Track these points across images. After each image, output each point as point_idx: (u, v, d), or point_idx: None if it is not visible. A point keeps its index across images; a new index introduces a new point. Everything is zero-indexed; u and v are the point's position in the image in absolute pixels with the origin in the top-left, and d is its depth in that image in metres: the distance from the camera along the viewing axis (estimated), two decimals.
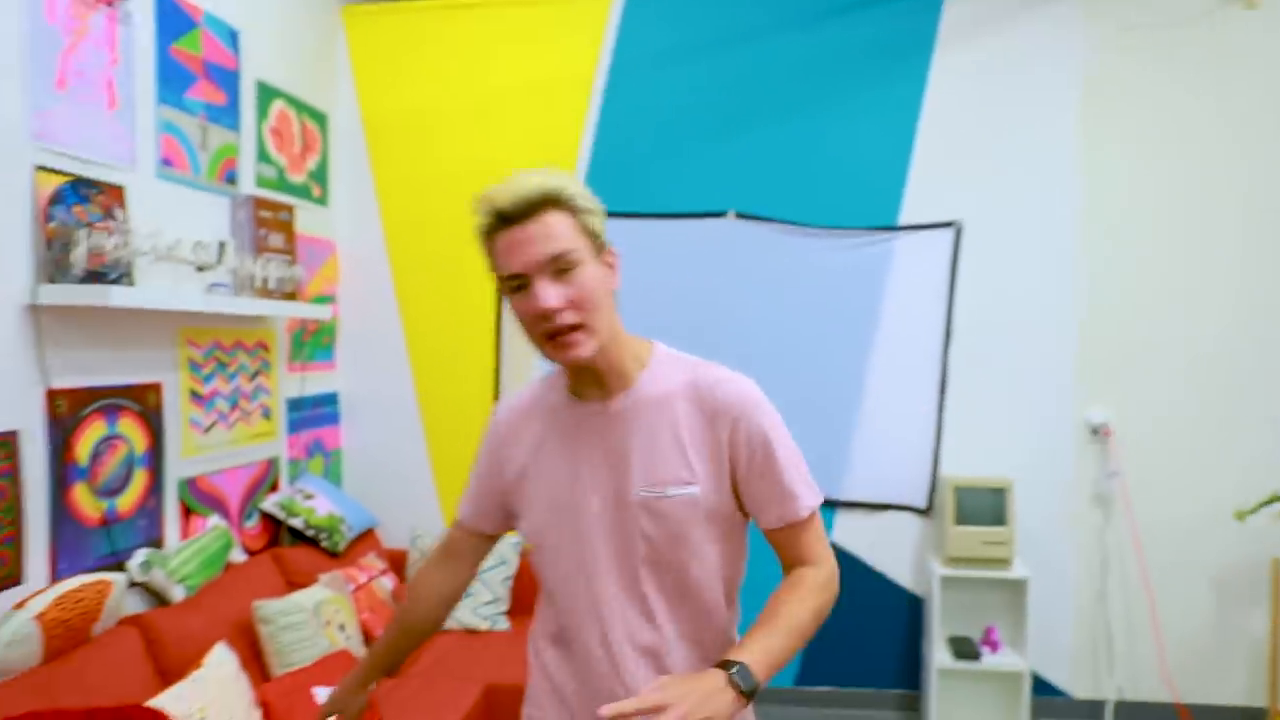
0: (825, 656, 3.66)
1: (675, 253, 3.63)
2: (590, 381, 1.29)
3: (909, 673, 3.62)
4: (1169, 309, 3.45)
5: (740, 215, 3.61)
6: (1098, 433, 3.44)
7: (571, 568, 1.31)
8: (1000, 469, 3.42)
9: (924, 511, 3.57)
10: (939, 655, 3.30)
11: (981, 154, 3.50)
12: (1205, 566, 3.44)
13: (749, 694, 1.10)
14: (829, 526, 3.64)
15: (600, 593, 1.29)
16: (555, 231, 1.18)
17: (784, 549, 1.32)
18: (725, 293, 3.61)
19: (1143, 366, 3.46)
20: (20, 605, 2.03)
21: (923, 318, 3.53)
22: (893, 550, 3.61)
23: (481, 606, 3.32)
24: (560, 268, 1.18)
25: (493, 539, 1.48)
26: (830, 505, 3.62)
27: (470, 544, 1.47)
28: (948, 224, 3.50)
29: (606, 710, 1.01)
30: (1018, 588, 3.33)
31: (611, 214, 3.68)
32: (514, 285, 1.20)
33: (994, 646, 3.33)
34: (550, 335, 1.20)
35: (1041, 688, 3.47)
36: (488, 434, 1.43)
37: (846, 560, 3.63)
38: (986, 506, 3.27)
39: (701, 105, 3.63)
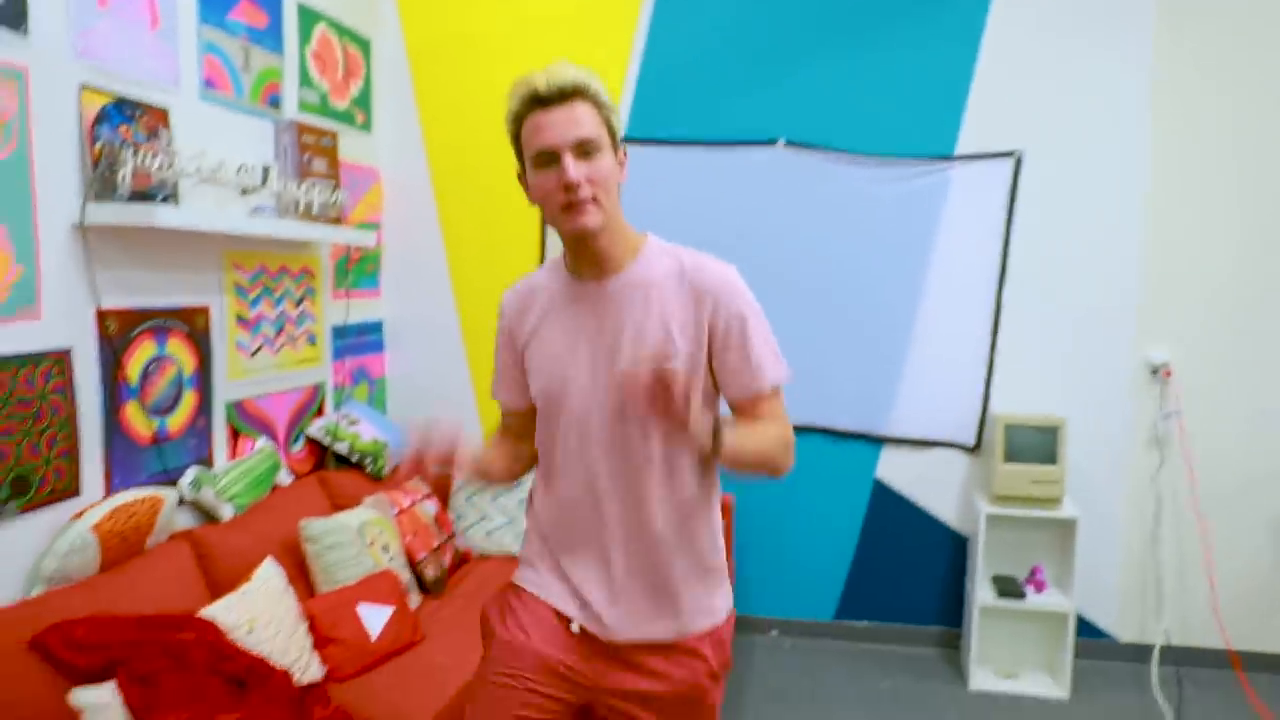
0: (865, 591, 3.65)
1: (723, 182, 3.54)
2: (588, 262, 1.45)
3: (950, 610, 3.60)
4: (1237, 247, 3.29)
5: (790, 144, 3.50)
6: (1157, 373, 3.33)
7: (567, 426, 1.45)
8: (1052, 407, 3.33)
9: (972, 449, 3.50)
10: (982, 593, 3.27)
11: (1045, 80, 3.33)
12: (1263, 511, 3.34)
13: (710, 445, 1.27)
14: (874, 462, 3.60)
15: (592, 449, 1.43)
16: (584, 118, 1.36)
17: (751, 419, 1.44)
18: (773, 223, 3.53)
19: (1206, 306, 3.32)
20: (78, 516, 2.09)
21: (978, 251, 3.41)
22: (938, 487, 3.56)
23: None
24: (585, 150, 1.35)
25: (530, 413, 1.57)
26: (875, 441, 3.57)
27: (514, 421, 1.62)
28: (1007, 154, 3.36)
29: (621, 372, 1.21)
30: (1066, 528, 3.26)
31: (658, 141, 3.65)
32: (543, 161, 1.36)
33: (1039, 586, 3.28)
34: (567, 205, 1.36)
35: (1086, 629, 3.43)
36: (499, 318, 1.59)
37: (890, 497, 3.59)
38: (1037, 445, 3.19)
39: (751, 28, 3.50)
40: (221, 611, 2.08)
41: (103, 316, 2.25)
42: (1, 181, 1.98)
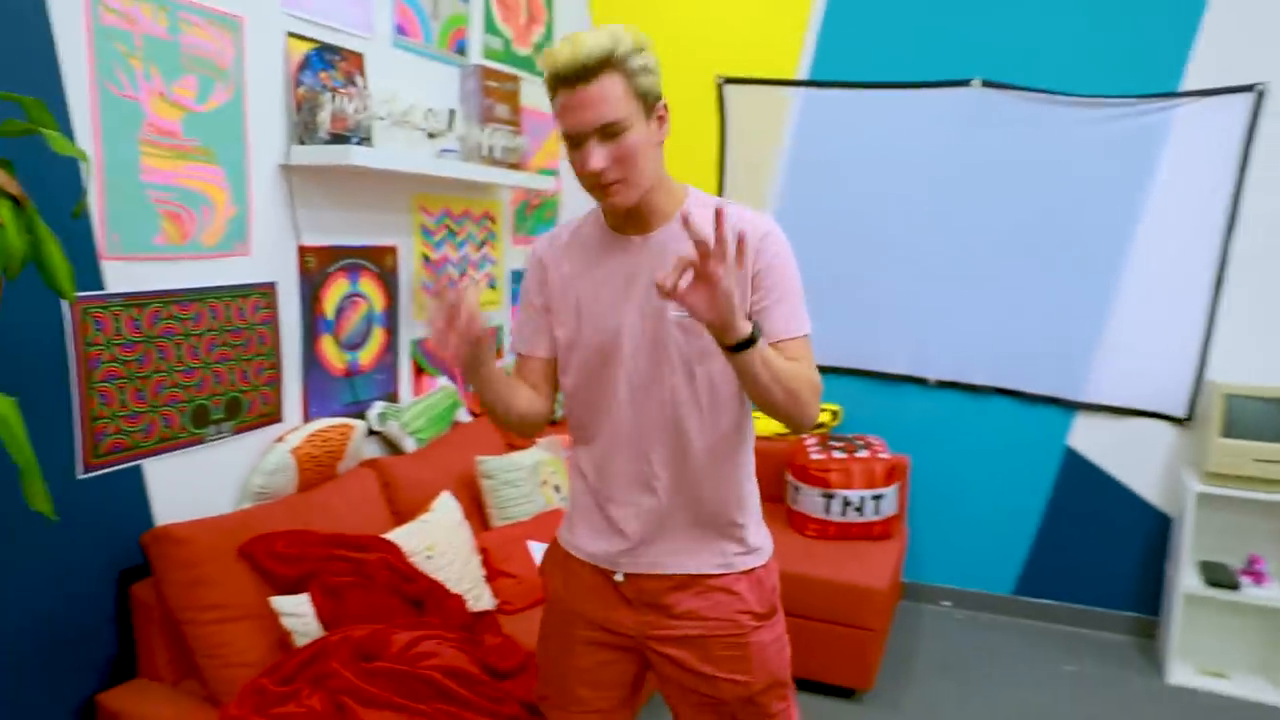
0: (1049, 566, 3.41)
1: (912, 127, 3.33)
2: (630, 222, 1.44)
3: (1147, 596, 3.30)
4: None
5: (987, 83, 3.23)
6: None
7: (614, 377, 1.44)
8: None
9: (1182, 420, 3.17)
10: (1187, 580, 2.97)
11: None
12: None
13: (741, 341, 1.21)
14: (1065, 429, 3.33)
15: (635, 396, 1.43)
16: (608, 97, 1.30)
17: None
18: (966, 170, 3.29)
19: None
20: (280, 439, 2.25)
21: (1202, 200, 3.04)
22: (1139, 461, 3.25)
23: None
24: (609, 132, 1.31)
25: (551, 362, 1.55)
26: (1069, 406, 3.30)
27: (532, 368, 1.56)
28: (1246, 88, 2.95)
29: (661, 276, 1.15)
30: None
31: (843, 84, 3.44)
32: (570, 142, 1.34)
33: (1258, 578, 2.94)
34: (594, 187, 1.36)
35: None
36: (530, 266, 1.56)
37: (1083, 467, 3.32)
38: (1264, 419, 2.84)
39: None
40: (404, 537, 2.19)
41: (303, 253, 2.39)
42: (221, 125, 2.13)
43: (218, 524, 1.91)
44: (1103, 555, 3.34)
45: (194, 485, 2.08)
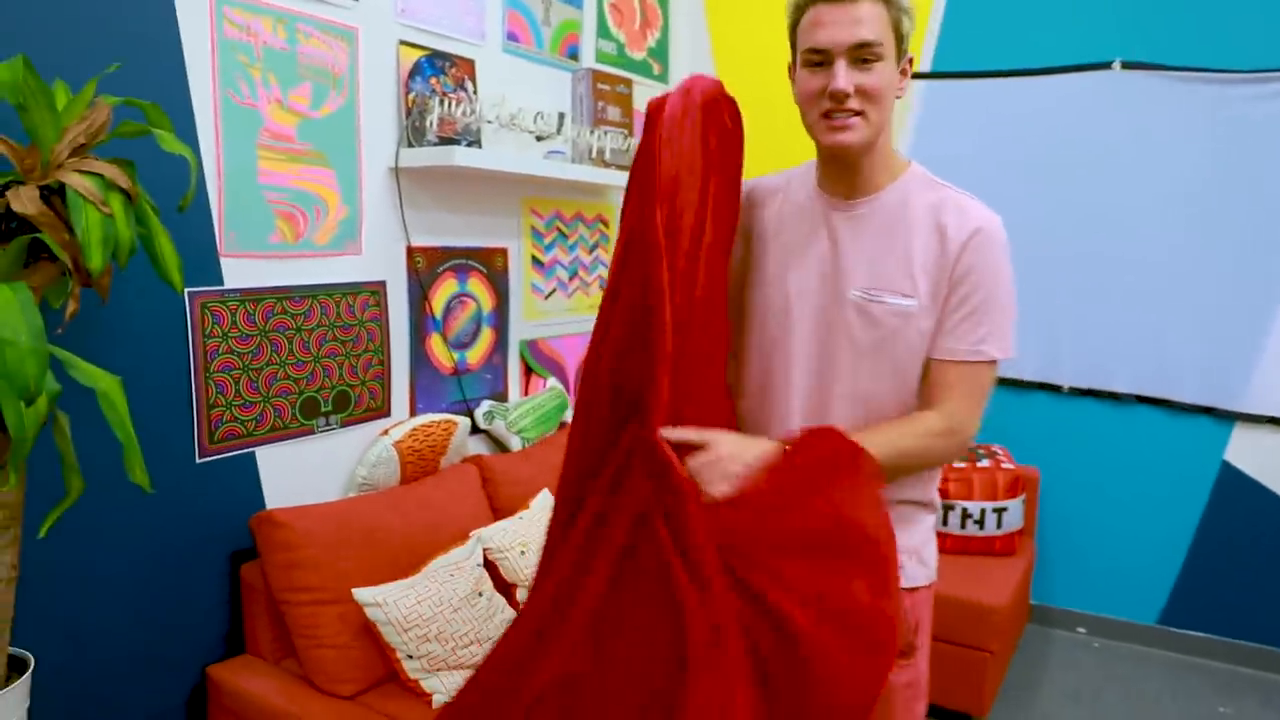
0: (1201, 595, 3.09)
1: (1047, 115, 3.11)
2: (840, 178, 1.33)
3: None
4: None
5: (1128, 65, 2.98)
6: None
7: (785, 346, 1.35)
8: None
9: None
10: None
11: None
12: None
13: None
14: (1223, 443, 3.01)
15: (792, 375, 1.34)
16: (869, 17, 1.21)
17: (932, 384, 1.29)
18: (1107, 161, 3.03)
19: None
20: (384, 433, 2.32)
21: None
22: None
23: None
24: (863, 57, 1.22)
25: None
26: (1226, 417, 2.98)
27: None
28: None
29: (665, 431, 1.13)
30: None
31: (970, 74, 3.28)
32: (815, 60, 1.24)
33: None
34: (828, 114, 1.24)
35: None
36: (741, 199, 1.44)
37: (1242, 484, 3.00)
38: None
39: None
40: (498, 533, 2.21)
41: (412, 253, 2.47)
42: (334, 130, 2.23)
43: (318, 511, 1.98)
44: (1265, 583, 3.00)
45: (303, 474, 2.17)
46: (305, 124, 2.15)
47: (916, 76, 3.32)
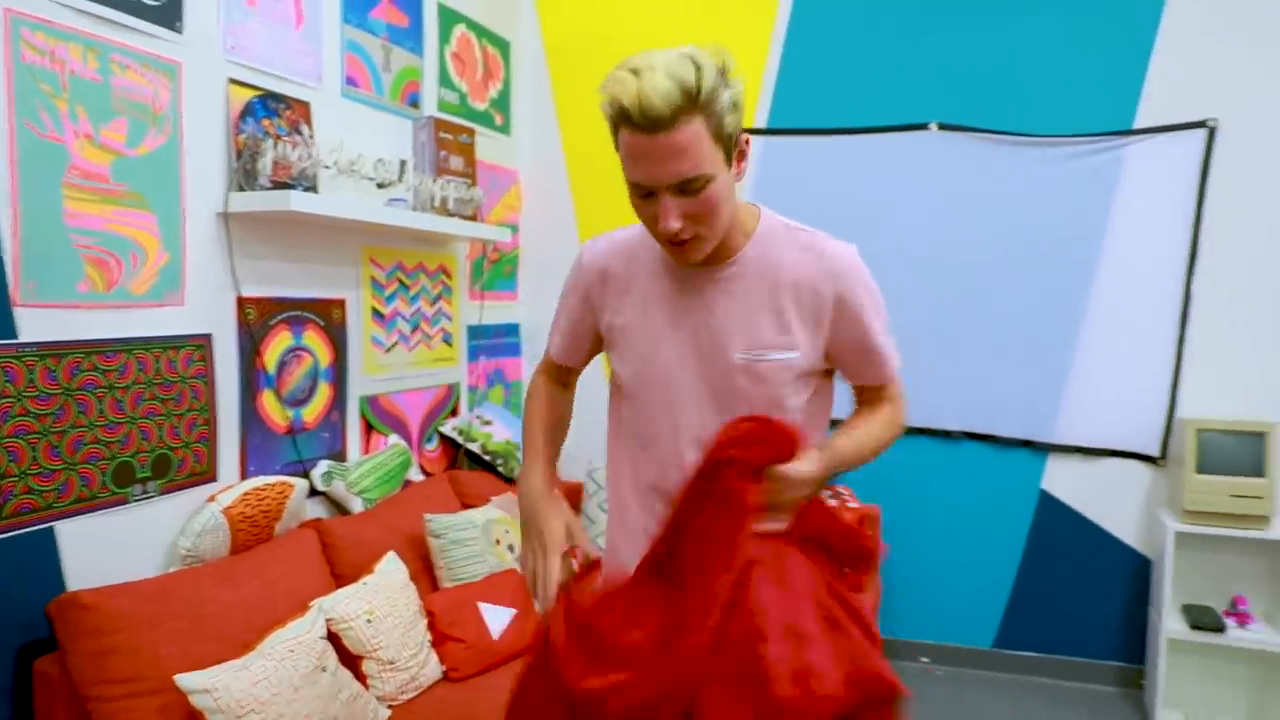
0: (1029, 617, 3.30)
1: (872, 171, 3.32)
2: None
3: (1131, 643, 3.19)
4: None
5: (944, 126, 3.24)
6: None
7: (664, 420, 1.34)
8: (1256, 411, 2.90)
9: (1155, 459, 3.11)
10: (1171, 624, 2.87)
11: (1249, 35, 2.93)
12: None
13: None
14: (1039, 473, 3.25)
15: (682, 437, 1.32)
16: (689, 145, 1.12)
17: (866, 398, 1.44)
18: (927, 213, 3.27)
19: None
20: (212, 499, 2.12)
21: (1161, 236, 3.04)
22: (1115, 502, 3.18)
23: None
24: (687, 188, 1.15)
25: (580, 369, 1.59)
26: (1041, 449, 3.23)
27: (562, 374, 1.59)
28: (1198, 124, 2.98)
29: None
30: (1277, 551, 2.82)
31: (801, 131, 3.44)
32: (641, 192, 1.19)
33: (1243, 620, 2.85)
34: (667, 243, 1.23)
35: None
36: (578, 271, 1.45)
37: (1058, 511, 3.24)
38: (1238, 454, 2.79)
39: (899, 5, 3.28)
40: (342, 601, 2.05)
41: (242, 304, 2.29)
42: (153, 170, 2.05)
43: (133, 589, 1.77)
44: (1083, 603, 3.24)
45: (115, 548, 1.93)
46: (121, 162, 1.97)
47: (753, 132, 3.47)
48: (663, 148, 1.11)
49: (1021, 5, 3.14)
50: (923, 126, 3.26)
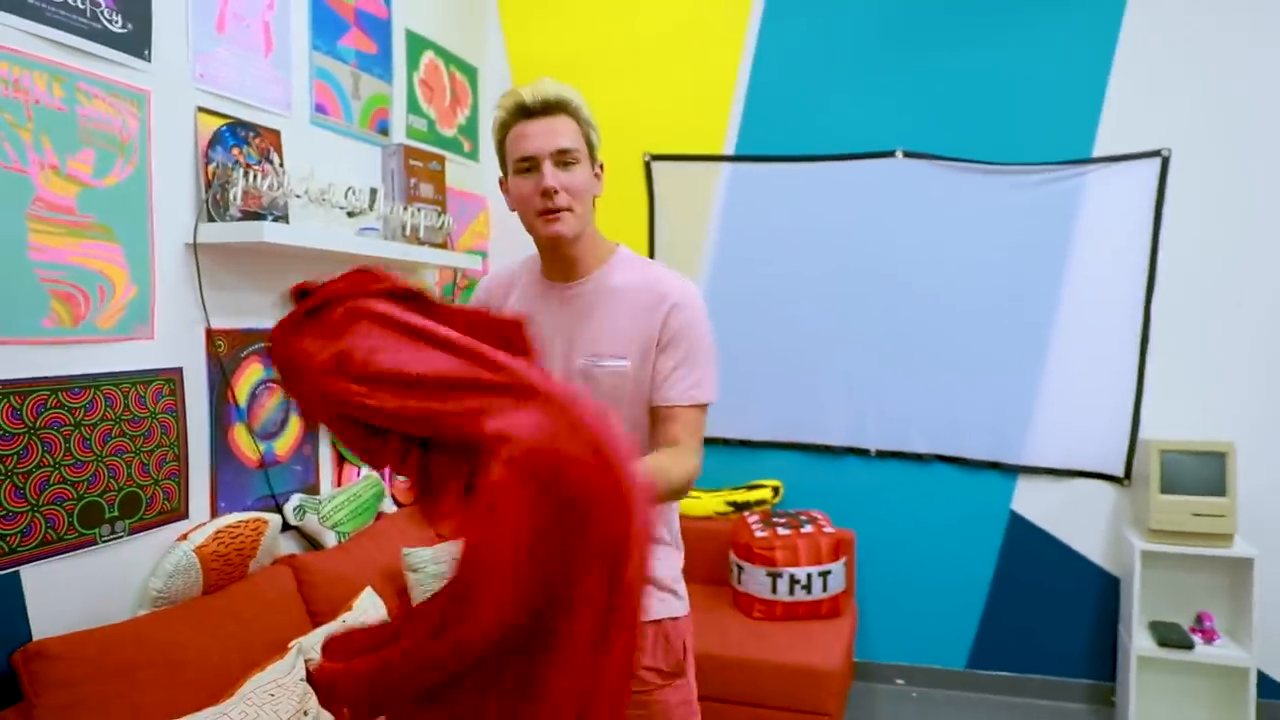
0: (1002, 637, 3.33)
1: (838, 197, 3.37)
2: (558, 266, 1.55)
3: (1102, 661, 3.25)
4: None
5: (909, 154, 3.31)
6: None
7: None
8: (1217, 431, 2.98)
9: (1120, 480, 3.17)
10: (1139, 641, 2.92)
11: (1200, 68, 3.03)
12: None
13: None
14: (1009, 494, 3.30)
15: None
16: (565, 130, 1.46)
17: (661, 428, 1.48)
18: (893, 239, 3.32)
19: None
20: (183, 538, 2.05)
21: (1121, 262, 3.12)
22: (1083, 522, 3.24)
23: None
24: (564, 160, 1.46)
25: None
26: (1010, 471, 3.28)
27: None
28: (1153, 153, 3.07)
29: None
30: (1239, 568, 2.90)
31: (768, 158, 3.54)
32: (524, 167, 1.47)
33: (1209, 636, 2.91)
34: (543, 211, 1.46)
35: (1270, 688, 3.01)
36: (474, 299, 1.71)
37: (1028, 531, 3.29)
38: (1201, 473, 2.86)
39: (863, 35, 3.35)
40: (319, 639, 2.00)
41: (213, 336, 2.24)
42: (121, 201, 1.99)
43: (103, 635, 1.70)
44: (1054, 622, 3.29)
45: (83, 593, 1.86)
46: (87, 194, 1.91)
47: (722, 159, 3.50)
48: (547, 127, 1.45)
49: (984, 38, 3.22)
50: (889, 154, 3.32)
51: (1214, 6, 3.01)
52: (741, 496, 3.35)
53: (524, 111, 1.46)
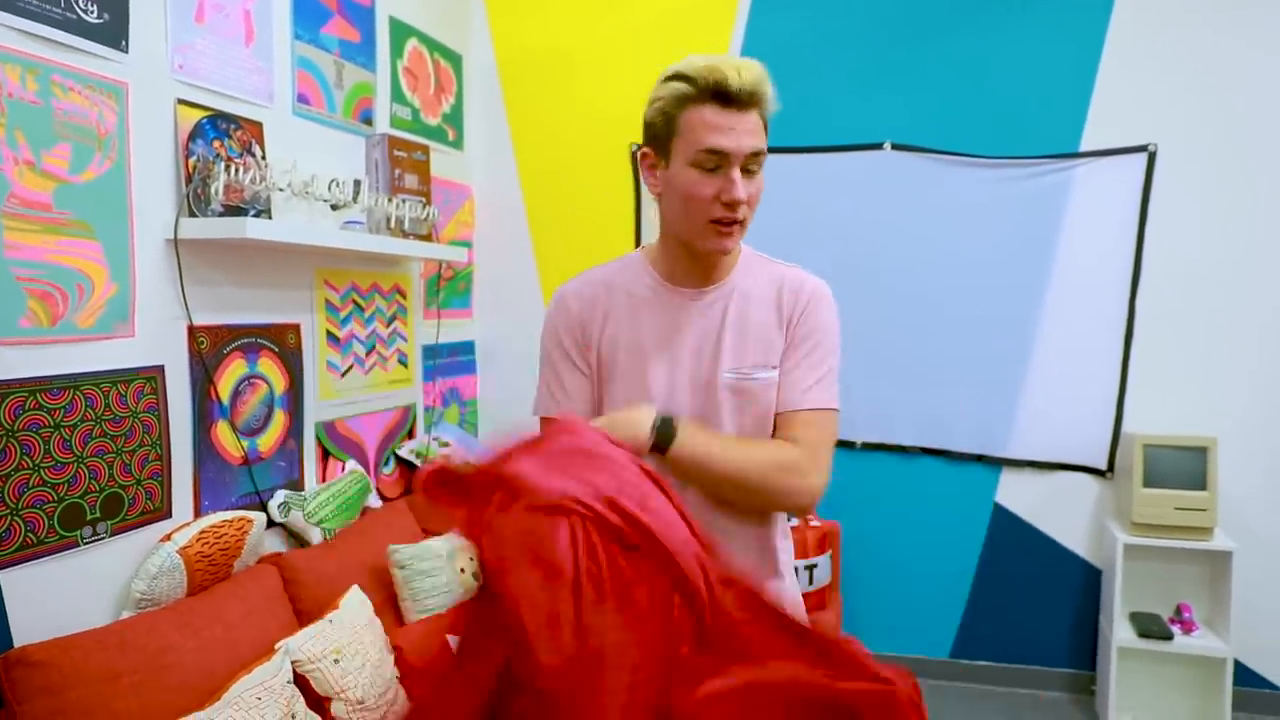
0: (985, 627, 3.37)
1: (827, 189, 3.36)
2: (695, 272, 1.36)
3: (1083, 651, 3.28)
4: None
5: (897, 146, 3.29)
6: None
7: None
8: (1198, 426, 3.01)
9: (1104, 473, 3.20)
10: (1120, 632, 2.96)
11: (1186, 64, 3.04)
12: None
13: (655, 445, 1.20)
14: (993, 486, 3.32)
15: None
16: (758, 129, 1.24)
17: (781, 432, 1.33)
18: (881, 231, 3.32)
19: None
20: (166, 538, 2.03)
21: (1107, 256, 3.13)
22: (1066, 515, 3.27)
23: None
24: (752, 166, 1.25)
25: None
26: (995, 463, 3.30)
27: None
28: (1140, 148, 3.08)
29: None
30: (1219, 561, 2.93)
31: None
32: (712, 164, 1.22)
33: (1188, 627, 2.95)
34: (718, 221, 1.25)
35: (1247, 677, 3.06)
36: (556, 316, 1.41)
37: (1013, 524, 3.31)
38: (1182, 467, 2.88)
39: (852, 28, 3.33)
40: (307, 640, 1.99)
41: (194, 333, 2.21)
42: (99, 197, 1.96)
43: (86, 640, 1.68)
44: (1037, 612, 3.32)
45: (64, 597, 1.84)
46: (64, 190, 1.87)
47: None
48: (747, 122, 1.22)
49: (973, 31, 3.21)
50: (877, 146, 3.31)
51: (1202, 3, 3.01)
52: None
53: (722, 96, 1.20)
